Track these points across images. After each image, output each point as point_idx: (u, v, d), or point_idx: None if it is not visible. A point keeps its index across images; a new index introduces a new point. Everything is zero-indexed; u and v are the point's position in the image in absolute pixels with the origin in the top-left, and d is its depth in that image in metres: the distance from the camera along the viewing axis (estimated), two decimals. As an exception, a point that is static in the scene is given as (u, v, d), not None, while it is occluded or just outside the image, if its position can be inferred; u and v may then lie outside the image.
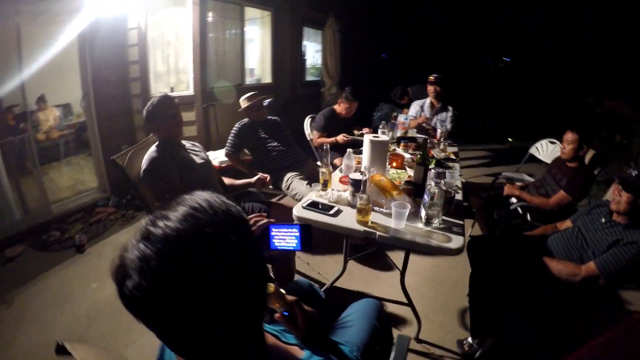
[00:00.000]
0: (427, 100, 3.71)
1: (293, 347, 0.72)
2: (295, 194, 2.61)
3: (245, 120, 2.73)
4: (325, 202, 1.72)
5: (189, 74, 3.84)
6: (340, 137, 3.07)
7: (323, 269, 2.48)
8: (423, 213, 1.57)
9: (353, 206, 1.68)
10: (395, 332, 1.33)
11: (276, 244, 0.94)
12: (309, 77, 6.49)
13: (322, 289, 1.51)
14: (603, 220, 1.66)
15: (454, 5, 9.17)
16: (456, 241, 1.46)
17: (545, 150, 3.97)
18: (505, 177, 3.44)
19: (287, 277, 1.92)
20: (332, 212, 1.61)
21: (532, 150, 4.06)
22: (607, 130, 6.33)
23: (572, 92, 10.32)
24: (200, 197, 0.51)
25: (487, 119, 6.02)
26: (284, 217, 2.25)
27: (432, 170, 1.64)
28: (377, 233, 1.47)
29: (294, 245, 0.92)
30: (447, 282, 2.41)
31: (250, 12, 4.78)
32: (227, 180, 2.21)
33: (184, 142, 1.97)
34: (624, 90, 7.75)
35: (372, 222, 1.53)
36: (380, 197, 1.68)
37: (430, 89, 3.62)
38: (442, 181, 1.57)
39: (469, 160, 5.36)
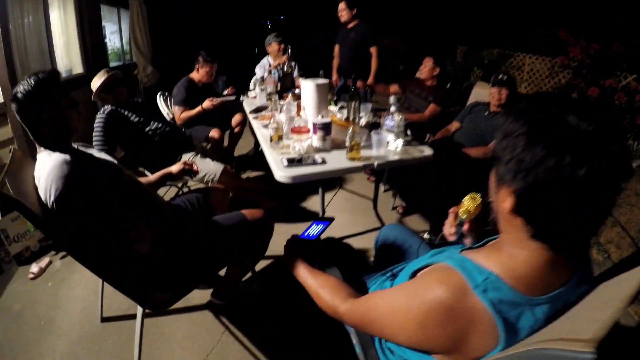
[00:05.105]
0: (266, 60, 3.84)
1: None
2: (205, 174, 2.29)
3: (107, 107, 2.13)
4: (297, 156, 1.66)
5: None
6: (207, 103, 2.79)
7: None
8: (391, 136, 1.74)
9: (323, 150, 1.70)
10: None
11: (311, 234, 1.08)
12: (112, 63, 5.43)
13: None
14: (486, 113, 2.27)
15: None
16: (427, 149, 1.72)
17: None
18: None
19: None
20: (320, 161, 1.59)
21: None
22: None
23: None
24: None
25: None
26: (223, 199, 2.02)
27: (392, 97, 1.82)
28: (375, 162, 1.56)
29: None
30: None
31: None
32: (141, 179, 1.75)
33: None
34: (397, 29, 10.20)
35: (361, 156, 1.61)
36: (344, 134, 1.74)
37: (275, 48, 3.72)
38: (398, 105, 1.77)
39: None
